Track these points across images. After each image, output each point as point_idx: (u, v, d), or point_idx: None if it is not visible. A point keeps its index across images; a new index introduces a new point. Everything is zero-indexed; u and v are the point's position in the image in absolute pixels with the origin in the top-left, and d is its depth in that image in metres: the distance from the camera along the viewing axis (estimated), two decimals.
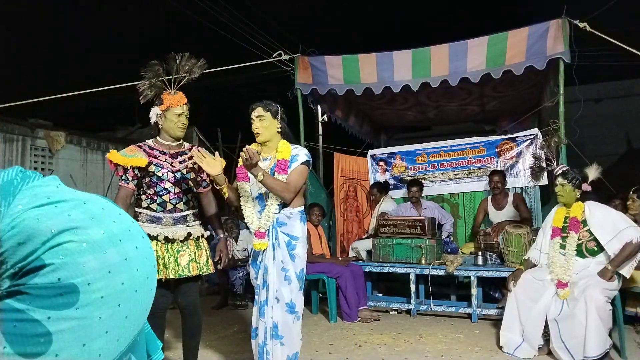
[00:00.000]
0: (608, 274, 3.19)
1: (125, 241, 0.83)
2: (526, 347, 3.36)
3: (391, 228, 4.84)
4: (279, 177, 2.59)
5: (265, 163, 2.69)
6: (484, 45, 4.80)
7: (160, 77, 2.80)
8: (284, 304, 2.58)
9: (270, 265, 2.61)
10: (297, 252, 2.62)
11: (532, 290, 3.41)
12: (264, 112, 2.66)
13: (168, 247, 2.63)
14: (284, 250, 2.62)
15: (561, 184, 3.45)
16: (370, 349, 3.63)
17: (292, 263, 2.61)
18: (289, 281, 2.60)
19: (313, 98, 5.91)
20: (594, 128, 11.65)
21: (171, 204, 2.68)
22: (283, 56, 5.70)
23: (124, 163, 2.64)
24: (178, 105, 2.72)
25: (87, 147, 9.98)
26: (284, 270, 2.60)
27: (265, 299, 2.60)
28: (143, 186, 2.68)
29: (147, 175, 2.67)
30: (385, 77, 5.22)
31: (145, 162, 2.65)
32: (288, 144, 2.71)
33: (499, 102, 6.68)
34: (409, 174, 6.19)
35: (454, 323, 4.36)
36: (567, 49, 4.45)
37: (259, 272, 2.67)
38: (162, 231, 2.62)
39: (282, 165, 2.62)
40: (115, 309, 0.77)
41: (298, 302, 2.62)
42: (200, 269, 2.71)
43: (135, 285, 0.81)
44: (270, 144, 2.71)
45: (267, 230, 2.64)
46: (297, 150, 2.69)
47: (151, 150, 2.73)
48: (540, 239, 3.68)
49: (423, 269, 4.56)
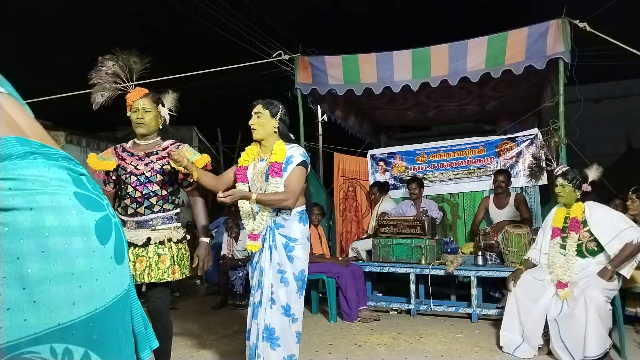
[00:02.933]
0: (608, 274, 3.19)
1: (55, 236, 0.86)
2: (526, 347, 3.36)
3: (391, 228, 4.84)
4: (273, 181, 2.57)
5: (262, 164, 2.68)
6: (483, 45, 4.80)
7: (111, 77, 2.67)
8: (280, 307, 2.55)
9: (266, 267, 2.59)
10: (295, 254, 2.59)
11: (532, 290, 3.41)
12: (263, 110, 2.66)
13: (130, 251, 2.54)
14: (282, 252, 2.58)
15: (561, 185, 3.46)
16: (370, 349, 3.64)
17: (290, 265, 2.57)
18: (285, 283, 2.57)
19: (313, 98, 5.91)
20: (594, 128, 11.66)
21: (132, 208, 2.57)
22: (283, 56, 5.70)
23: (95, 167, 2.63)
24: (133, 100, 2.61)
25: (87, 147, 9.98)
26: (281, 272, 2.57)
27: (259, 301, 2.58)
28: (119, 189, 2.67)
29: (118, 178, 2.65)
30: (385, 77, 5.22)
31: (113, 166, 2.63)
32: (283, 144, 2.66)
33: (499, 102, 6.68)
34: (408, 174, 6.19)
35: (454, 323, 4.36)
36: (567, 48, 4.45)
37: (255, 273, 2.66)
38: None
39: (276, 168, 2.58)
40: (20, 291, 0.82)
41: (295, 305, 2.58)
42: (157, 276, 2.51)
43: (50, 276, 0.85)
44: (266, 143, 2.70)
45: (264, 232, 2.62)
46: (292, 150, 2.63)
47: (122, 153, 2.67)
48: (540, 239, 3.68)
49: (423, 269, 4.56)
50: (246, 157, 2.77)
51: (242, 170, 2.72)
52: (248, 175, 2.72)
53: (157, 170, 2.62)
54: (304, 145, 5.73)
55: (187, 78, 5.84)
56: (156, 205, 2.60)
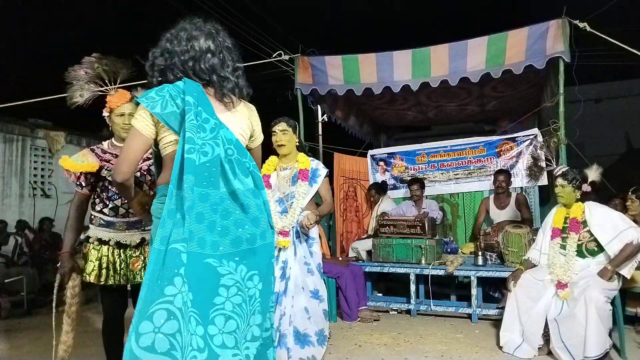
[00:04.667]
0: (608, 274, 3.19)
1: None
2: (526, 347, 3.36)
3: (391, 228, 4.84)
4: (302, 184, 3.10)
5: (285, 172, 3.19)
6: (483, 45, 4.80)
7: (92, 79, 2.63)
8: (308, 292, 3.07)
9: (291, 260, 3.07)
10: (314, 249, 3.16)
11: (532, 290, 3.41)
12: (287, 127, 3.13)
13: (120, 252, 2.55)
14: (305, 247, 3.12)
15: (561, 185, 3.45)
16: (370, 349, 3.64)
17: (311, 258, 3.13)
18: (311, 273, 3.11)
19: (313, 98, 5.91)
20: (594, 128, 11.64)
21: (123, 208, 2.57)
22: (283, 56, 5.70)
23: (74, 169, 2.55)
24: (118, 105, 2.59)
25: (87, 147, 9.97)
26: (307, 264, 3.11)
27: (284, 290, 3.02)
28: (97, 190, 2.60)
29: (100, 179, 2.58)
30: (385, 77, 5.21)
31: (96, 167, 2.57)
32: (306, 156, 3.22)
33: (499, 102, 6.67)
34: (409, 174, 6.19)
35: (454, 323, 4.36)
36: (567, 48, 4.45)
37: (277, 266, 3.02)
38: (113, 235, 2.54)
39: (304, 174, 3.12)
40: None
41: (321, 289, 3.13)
42: None
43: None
44: (289, 155, 3.19)
45: (290, 230, 3.07)
46: (314, 163, 3.20)
47: (103, 154, 2.62)
48: (540, 240, 3.68)
49: (423, 269, 4.56)
50: (268, 167, 3.24)
51: (265, 178, 3.15)
52: (271, 182, 3.21)
53: (145, 170, 2.64)
54: (303, 145, 5.73)
55: None
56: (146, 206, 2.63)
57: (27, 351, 3.83)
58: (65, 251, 2.51)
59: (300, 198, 3.10)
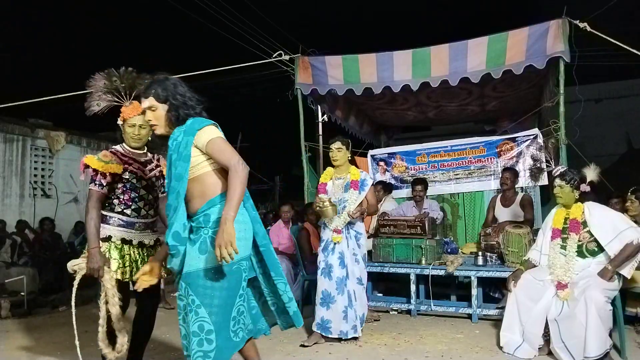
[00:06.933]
0: (608, 274, 3.18)
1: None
2: (526, 347, 3.36)
3: (391, 228, 4.84)
4: (353, 192, 3.79)
5: (339, 181, 3.90)
6: (484, 45, 4.80)
7: (109, 90, 2.80)
8: (354, 278, 3.79)
9: (346, 251, 3.79)
10: (361, 242, 3.86)
11: (532, 290, 3.40)
12: (342, 146, 3.85)
13: (141, 251, 2.72)
14: (354, 241, 3.82)
15: (559, 186, 3.44)
16: (370, 349, 3.64)
17: (359, 249, 3.84)
18: (358, 262, 3.83)
19: (313, 98, 5.91)
20: (594, 128, 11.64)
21: (144, 210, 2.78)
22: (283, 56, 5.70)
23: (104, 169, 2.66)
24: (130, 116, 2.74)
25: (87, 147, 9.97)
26: (355, 255, 3.82)
27: (345, 275, 3.75)
28: (115, 191, 2.72)
29: (121, 181, 2.71)
30: (385, 77, 5.21)
31: (120, 169, 2.71)
32: (356, 169, 3.92)
33: (499, 102, 6.68)
34: (409, 174, 6.18)
35: (454, 323, 4.36)
36: (567, 48, 4.45)
37: (333, 256, 3.77)
38: (135, 236, 2.73)
39: (355, 184, 3.82)
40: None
41: (364, 277, 3.89)
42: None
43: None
44: (342, 167, 3.90)
45: (342, 228, 3.78)
46: (363, 175, 3.89)
47: (124, 157, 2.77)
48: (540, 240, 3.67)
49: (423, 269, 4.56)
50: (325, 177, 4.00)
51: (323, 185, 3.95)
52: (327, 189, 3.92)
53: (158, 175, 2.87)
54: (304, 145, 5.74)
55: (186, 78, 5.81)
56: (156, 208, 2.87)
57: (27, 351, 3.83)
58: (95, 246, 2.57)
59: (352, 203, 3.77)
